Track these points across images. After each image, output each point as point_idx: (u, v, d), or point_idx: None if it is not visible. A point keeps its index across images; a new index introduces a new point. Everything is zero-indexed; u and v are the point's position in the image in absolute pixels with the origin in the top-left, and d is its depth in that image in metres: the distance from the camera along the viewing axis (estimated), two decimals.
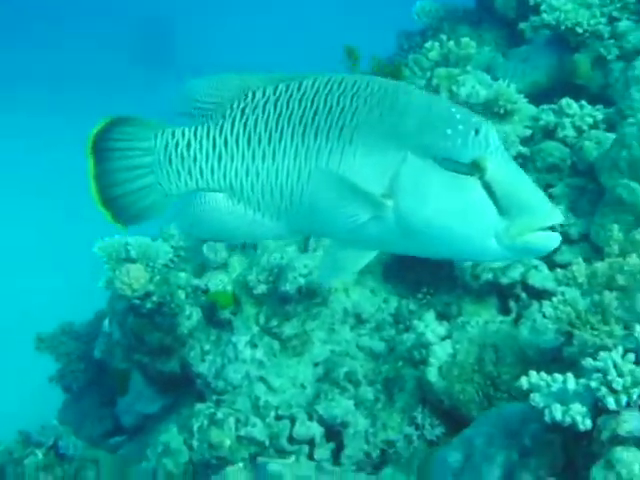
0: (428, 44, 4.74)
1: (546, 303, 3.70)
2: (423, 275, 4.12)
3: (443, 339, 3.81)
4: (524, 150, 4.31)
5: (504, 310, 3.97)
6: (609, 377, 2.44)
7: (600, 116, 4.31)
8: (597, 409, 2.48)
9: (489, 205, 1.84)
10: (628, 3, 4.92)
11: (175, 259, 4.09)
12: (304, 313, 3.96)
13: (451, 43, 4.58)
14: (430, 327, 3.85)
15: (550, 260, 3.94)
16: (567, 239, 3.97)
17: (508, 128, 4.37)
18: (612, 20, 4.87)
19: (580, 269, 2.91)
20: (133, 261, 3.82)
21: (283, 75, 2.01)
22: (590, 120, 4.29)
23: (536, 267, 3.92)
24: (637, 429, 2.41)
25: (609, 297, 2.67)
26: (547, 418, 2.51)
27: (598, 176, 4.05)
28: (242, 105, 2.01)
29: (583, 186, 4.19)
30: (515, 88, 4.39)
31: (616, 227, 2.98)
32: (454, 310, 4.00)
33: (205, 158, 2.06)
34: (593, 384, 2.46)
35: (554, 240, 1.85)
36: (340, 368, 3.84)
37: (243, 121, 2.01)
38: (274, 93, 1.99)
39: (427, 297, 4.09)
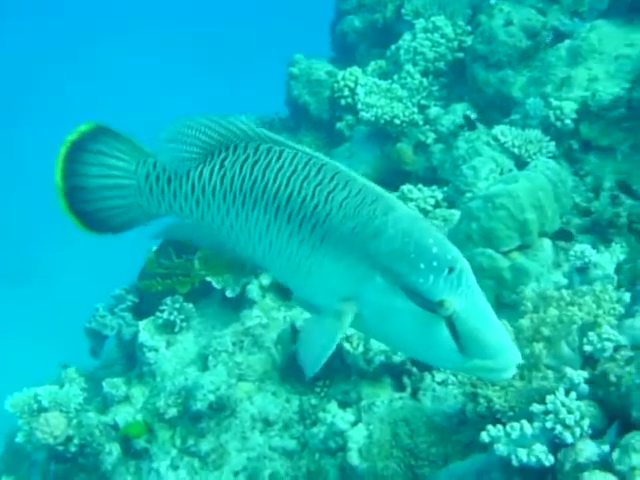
0: None
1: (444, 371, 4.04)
2: None
3: (354, 424, 4.01)
4: None
5: (399, 387, 4.22)
6: (561, 416, 2.74)
7: (440, 195, 4.73)
8: (555, 445, 2.77)
9: (450, 343, 1.84)
10: (432, 91, 5.44)
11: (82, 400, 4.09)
12: (216, 427, 4.06)
13: None
14: (338, 416, 4.04)
15: None
16: None
17: None
18: (422, 108, 5.37)
19: (507, 327, 3.22)
20: (46, 410, 3.81)
21: (267, 135, 1.99)
22: (432, 200, 4.69)
23: None
24: (594, 454, 2.72)
25: (538, 348, 2.99)
26: (515, 462, 2.77)
27: None
28: (222, 156, 2.01)
29: None
30: None
31: (528, 288, 3.32)
32: (354, 396, 4.21)
33: (184, 198, 2.07)
34: (548, 424, 2.76)
35: (507, 375, 1.89)
36: (263, 471, 3.96)
37: (221, 174, 2.01)
38: (254, 153, 1.98)
39: (324, 389, 4.28)
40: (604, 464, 2.64)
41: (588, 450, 2.73)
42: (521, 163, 4.85)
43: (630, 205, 4.49)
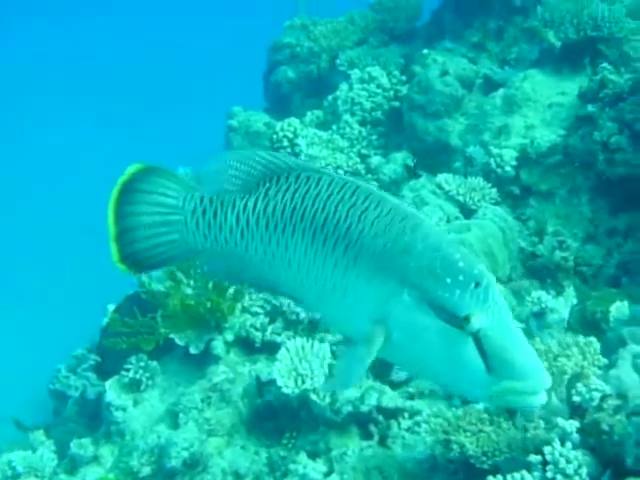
0: None
1: (419, 419, 4.13)
2: (283, 422, 4.35)
3: (327, 474, 4.06)
4: None
5: (367, 436, 4.29)
6: (561, 465, 2.87)
7: None
8: None
9: (478, 362, 1.81)
10: (371, 140, 5.57)
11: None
12: None
13: None
14: (309, 466, 4.08)
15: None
16: None
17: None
18: (363, 157, 5.49)
19: None
20: (20, 476, 3.74)
21: (308, 165, 2.04)
22: None
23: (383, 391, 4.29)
24: None
25: None
26: None
27: None
28: (267, 186, 2.04)
29: None
30: None
31: None
32: (322, 446, 4.26)
33: (229, 230, 2.08)
34: (549, 474, 2.88)
35: (538, 402, 1.83)
36: None
37: (264, 203, 2.03)
38: (295, 182, 2.01)
39: (292, 441, 4.32)
40: None
41: None
42: (466, 210, 5.00)
43: (576, 249, 4.70)
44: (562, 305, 4.24)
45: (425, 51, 5.67)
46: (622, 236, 4.82)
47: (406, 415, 4.26)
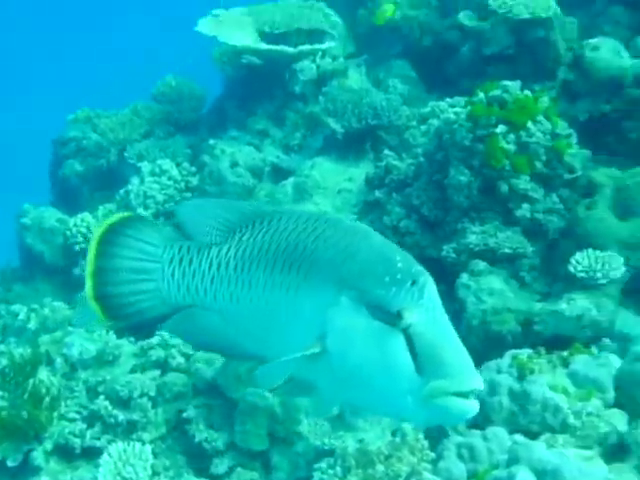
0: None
1: None
2: None
3: None
4: None
5: None
6: None
7: None
8: None
9: (407, 361, 1.77)
10: None
11: None
12: None
13: (46, 310, 4.83)
14: None
15: None
16: None
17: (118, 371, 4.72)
18: None
19: None
20: None
21: (282, 209, 2.15)
22: None
23: None
24: None
25: None
26: None
27: (225, 392, 4.57)
28: (242, 232, 2.07)
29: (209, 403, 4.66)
30: None
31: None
32: None
33: (201, 278, 2.10)
34: None
35: (469, 408, 1.76)
36: None
37: (236, 248, 2.06)
38: (268, 224, 2.03)
39: None
40: None
41: None
42: None
43: None
44: None
45: (212, 141, 5.79)
46: None
47: None
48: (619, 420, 3.03)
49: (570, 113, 5.22)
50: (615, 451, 2.97)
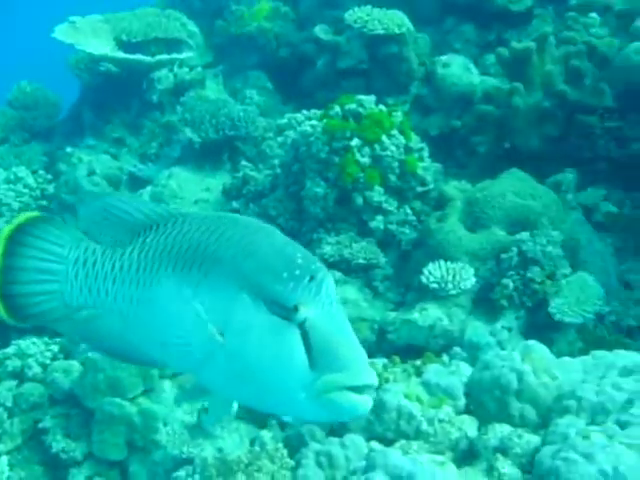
0: None
1: None
2: None
3: None
4: None
5: None
6: None
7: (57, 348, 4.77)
8: None
9: (301, 355, 1.76)
10: None
11: None
12: None
13: None
14: None
15: None
16: None
17: None
18: None
19: None
20: None
21: (189, 213, 2.05)
22: (49, 354, 4.71)
23: None
24: None
25: None
26: None
27: (83, 402, 4.51)
28: (146, 234, 2.05)
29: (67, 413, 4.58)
30: None
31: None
32: None
33: (103, 279, 2.08)
34: None
35: (362, 403, 1.75)
36: None
37: (139, 250, 2.04)
38: (172, 226, 2.01)
39: None
40: None
41: None
42: None
43: None
44: None
45: (69, 149, 5.72)
46: None
47: None
48: (469, 426, 3.13)
49: (422, 127, 5.39)
50: (466, 456, 3.07)
